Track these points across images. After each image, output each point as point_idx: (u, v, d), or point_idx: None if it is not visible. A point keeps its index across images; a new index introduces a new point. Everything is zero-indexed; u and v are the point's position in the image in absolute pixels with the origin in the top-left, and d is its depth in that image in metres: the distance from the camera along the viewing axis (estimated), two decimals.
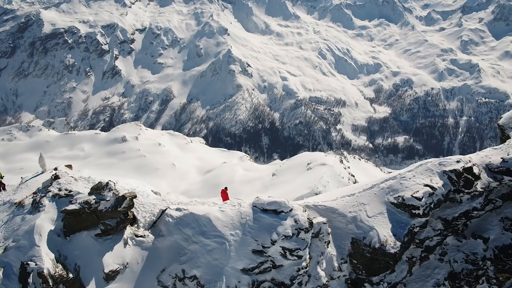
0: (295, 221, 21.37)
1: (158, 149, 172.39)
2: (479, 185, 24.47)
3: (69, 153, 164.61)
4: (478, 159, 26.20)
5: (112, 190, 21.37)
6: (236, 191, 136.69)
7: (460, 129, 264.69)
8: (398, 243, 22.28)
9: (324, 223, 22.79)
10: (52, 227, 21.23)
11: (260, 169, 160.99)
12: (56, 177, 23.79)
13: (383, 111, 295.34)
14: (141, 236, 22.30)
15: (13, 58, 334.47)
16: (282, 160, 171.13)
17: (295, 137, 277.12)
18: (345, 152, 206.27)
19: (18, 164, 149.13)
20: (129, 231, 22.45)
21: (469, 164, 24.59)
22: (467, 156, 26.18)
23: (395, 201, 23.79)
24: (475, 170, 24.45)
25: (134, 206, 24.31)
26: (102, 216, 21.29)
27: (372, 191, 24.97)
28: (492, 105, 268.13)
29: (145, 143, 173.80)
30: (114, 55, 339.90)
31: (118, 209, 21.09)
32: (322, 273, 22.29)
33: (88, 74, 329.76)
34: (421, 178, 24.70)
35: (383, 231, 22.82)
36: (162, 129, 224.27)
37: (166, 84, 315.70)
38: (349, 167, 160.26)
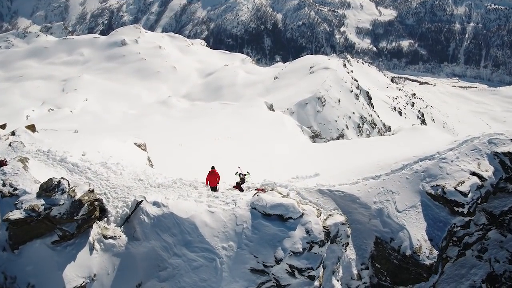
0: (307, 231, 15.86)
1: (158, 52, 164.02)
2: None
3: (68, 59, 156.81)
4: None
5: (65, 192, 15.56)
6: (237, 95, 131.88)
7: (466, 36, 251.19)
8: (435, 252, 17.07)
9: (343, 223, 17.35)
10: None
11: (262, 72, 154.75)
12: (1, 163, 17.85)
13: (388, 14, 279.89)
14: (111, 238, 17.00)
15: None
16: (284, 62, 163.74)
17: (298, 39, 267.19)
18: (348, 56, 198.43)
19: (18, 71, 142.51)
20: (96, 230, 17.11)
21: None
22: None
23: (433, 192, 18.24)
24: None
25: (105, 192, 18.84)
26: (57, 221, 15.79)
27: (403, 175, 19.24)
28: (501, 12, 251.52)
29: (145, 46, 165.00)
30: None
31: (75, 217, 15.50)
32: (337, 285, 17.33)
33: None
34: (466, 161, 18.87)
35: (417, 233, 17.52)
36: (162, 32, 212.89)
37: None
38: (352, 71, 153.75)
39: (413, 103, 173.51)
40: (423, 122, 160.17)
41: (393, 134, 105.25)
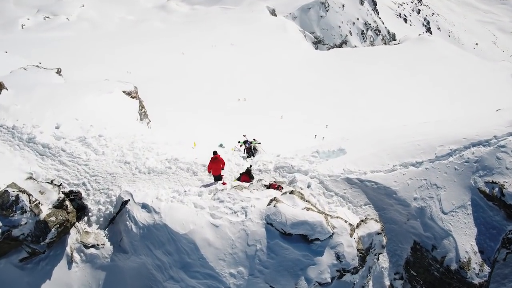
0: (338, 256, 12.02)
1: None
2: None
3: None
4: None
5: (26, 211, 11.41)
6: None
7: None
8: (487, 270, 13.52)
9: (378, 233, 13.44)
10: None
11: None
12: None
13: None
14: (93, 247, 13.28)
15: None
16: None
17: None
18: None
19: None
20: (74, 237, 13.35)
21: None
22: None
23: (487, 190, 14.15)
24: None
25: (83, 182, 14.79)
26: (21, 241, 11.92)
27: (451, 164, 14.97)
28: None
29: None
30: None
31: (41, 243, 11.56)
32: None
33: None
34: None
35: (465, 243, 13.78)
36: None
37: None
38: None
39: (419, 10, 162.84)
40: (428, 30, 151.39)
41: (398, 43, 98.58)
